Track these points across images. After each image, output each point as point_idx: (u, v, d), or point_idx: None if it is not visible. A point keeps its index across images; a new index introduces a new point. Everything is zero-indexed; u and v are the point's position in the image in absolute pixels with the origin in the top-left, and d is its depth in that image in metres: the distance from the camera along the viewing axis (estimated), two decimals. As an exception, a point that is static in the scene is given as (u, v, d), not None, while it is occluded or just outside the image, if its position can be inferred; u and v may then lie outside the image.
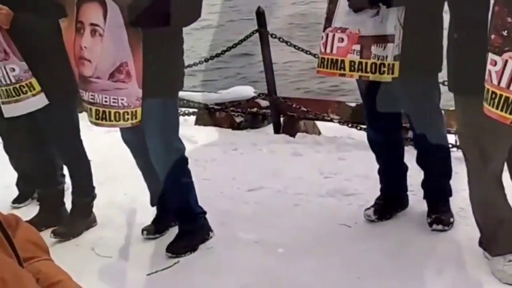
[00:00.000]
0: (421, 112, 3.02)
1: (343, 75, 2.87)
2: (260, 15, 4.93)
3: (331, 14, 2.85)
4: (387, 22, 2.72)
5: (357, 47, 2.78)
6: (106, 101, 2.86)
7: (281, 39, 5.00)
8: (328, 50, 2.86)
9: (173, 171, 3.09)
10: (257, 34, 4.95)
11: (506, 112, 2.05)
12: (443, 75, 2.82)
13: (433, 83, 3.00)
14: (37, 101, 3.19)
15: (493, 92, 2.09)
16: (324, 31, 2.89)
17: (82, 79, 2.94)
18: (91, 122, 3.02)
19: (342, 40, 2.81)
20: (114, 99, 2.84)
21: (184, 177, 3.16)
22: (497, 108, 2.08)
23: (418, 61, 2.79)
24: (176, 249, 3.14)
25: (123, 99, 2.84)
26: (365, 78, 2.87)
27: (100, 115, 2.90)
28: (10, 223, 0.72)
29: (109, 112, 2.88)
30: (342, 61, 2.82)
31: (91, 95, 2.89)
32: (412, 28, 2.74)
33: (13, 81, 3.14)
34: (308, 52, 4.91)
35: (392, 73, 2.76)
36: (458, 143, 4.34)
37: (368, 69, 2.78)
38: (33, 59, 3.13)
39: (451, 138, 4.40)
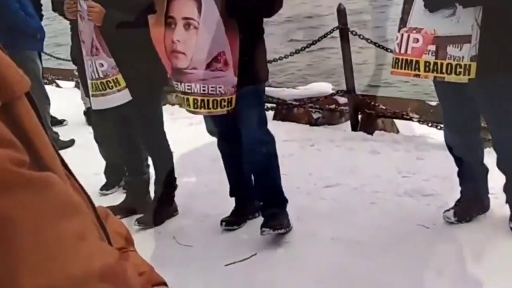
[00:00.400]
0: (500, 115, 2.95)
1: (417, 75, 2.84)
2: (341, 12, 4.93)
3: (406, 15, 2.82)
4: (464, 22, 2.67)
5: (433, 47, 2.75)
6: (204, 90, 3.00)
7: (361, 37, 4.98)
8: (402, 51, 2.84)
9: (269, 156, 3.23)
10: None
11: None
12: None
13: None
14: (122, 97, 3.35)
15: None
16: (399, 31, 2.88)
17: (176, 71, 3.08)
18: (188, 111, 3.16)
19: (417, 40, 2.78)
20: (212, 87, 2.98)
21: (276, 163, 3.29)
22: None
23: (496, 62, 2.73)
24: (274, 225, 3.16)
25: (220, 87, 2.98)
26: (440, 79, 2.83)
27: (199, 103, 3.04)
28: (102, 215, 0.79)
29: (207, 100, 3.02)
30: (417, 61, 2.79)
31: (188, 85, 3.03)
32: (490, 28, 2.67)
33: (101, 76, 3.31)
34: (389, 50, 4.86)
35: (469, 74, 2.70)
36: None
37: (444, 70, 2.74)
38: (121, 54, 3.29)
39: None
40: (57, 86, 7.20)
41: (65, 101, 5.97)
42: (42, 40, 5.12)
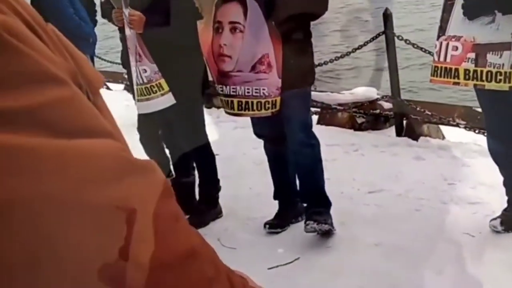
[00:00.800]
0: None
1: (457, 83, 2.83)
2: (387, 17, 4.91)
3: (445, 23, 2.81)
4: (503, 30, 2.64)
5: (472, 55, 2.73)
6: (248, 92, 3.06)
7: (407, 41, 4.95)
8: (441, 59, 2.83)
9: (314, 157, 3.29)
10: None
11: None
12: None
13: None
14: (166, 100, 3.44)
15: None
16: (437, 39, 2.86)
17: (221, 74, 3.15)
18: (231, 113, 3.23)
19: (456, 48, 2.77)
20: (256, 89, 3.04)
21: (321, 164, 3.34)
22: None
23: None
24: (314, 228, 3.20)
25: (264, 89, 3.03)
26: (480, 87, 2.80)
27: (243, 105, 3.11)
28: None
29: (252, 102, 3.08)
30: (456, 69, 2.78)
31: (233, 88, 3.10)
32: None
33: (145, 81, 3.41)
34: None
35: (509, 82, 2.67)
36: None
37: (484, 78, 2.72)
38: (163, 59, 3.37)
39: None
40: (108, 88, 7.38)
41: (115, 103, 6.11)
42: (94, 44, 5.29)
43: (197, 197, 3.80)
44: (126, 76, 4.23)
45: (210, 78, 3.45)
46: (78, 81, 0.59)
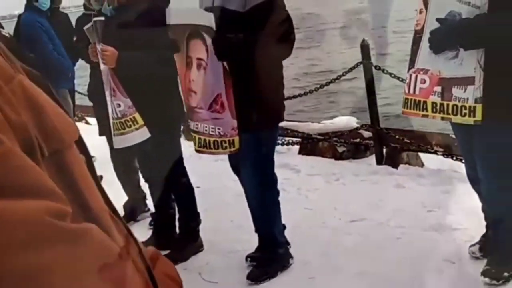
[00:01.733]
0: (494, 161, 2.83)
1: (426, 116, 2.85)
2: (364, 48, 4.99)
3: (414, 55, 2.85)
4: (467, 64, 2.67)
5: (438, 88, 2.75)
6: (206, 130, 3.08)
7: (385, 71, 5.02)
8: (411, 91, 2.86)
9: (263, 202, 3.27)
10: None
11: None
12: None
13: None
14: (140, 135, 3.44)
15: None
16: (408, 72, 2.91)
17: (189, 109, 3.18)
18: (195, 149, 3.24)
19: (424, 81, 2.80)
20: (213, 128, 3.05)
21: (272, 209, 3.30)
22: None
23: (500, 104, 2.65)
24: (256, 276, 3.26)
25: (219, 128, 3.04)
26: (447, 120, 2.84)
27: (202, 143, 3.13)
28: (151, 257, 0.79)
29: (209, 141, 3.09)
30: (425, 102, 2.81)
31: (196, 124, 3.13)
32: (493, 70, 2.64)
33: (119, 115, 3.41)
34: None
35: (474, 116, 2.67)
36: None
37: (450, 111, 2.73)
38: (137, 94, 3.37)
39: None
40: (86, 123, 7.39)
41: (94, 137, 6.09)
42: (73, 78, 5.32)
43: (177, 230, 3.77)
44: (94, 109, 4.24)
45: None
46: (27, 136, 0.57)
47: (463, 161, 3.32)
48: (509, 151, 2.77)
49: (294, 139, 5.53)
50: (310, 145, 5.45)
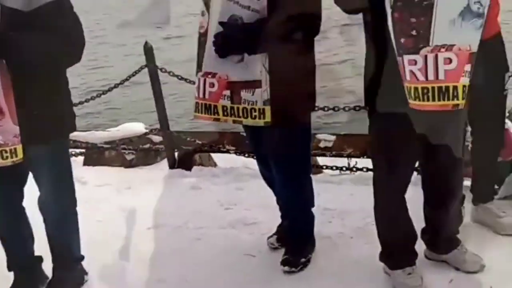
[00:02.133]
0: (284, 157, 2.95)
1: (217, 119, 2.82)
2: (148, 51, 4.82)
3: (201, 59, 2.80)
4: (252, 68, 2.68)
5: (227, 92, 2.74)
6: None
7: (171, 73, 4.91)
8: (201, 95, 2.80)
9: (60, 218, 2.93)
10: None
11: (444, 99, 2.13)
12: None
13: (303, 127, 2.95)
14: None
15: (423, 88, 2.15)
16: (196, 75, 2.85)
17: None
18: None
19: (213, 85, 2.76)
20: None
21: (68, 220, 2.98)
22: (433, 100, 2.15)
23: (285, 106, 2.73)
24: None
25: None
26: (238, 123, 2.84)
27: None
28: None
29: None
30: (215, 106, 2.78)
31: None
32: (276, 73, 2.69)
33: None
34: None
35: (264, 118, 2.71)
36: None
37: (241, 114, 2.74)
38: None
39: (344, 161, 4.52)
40: None
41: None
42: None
43: None
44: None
45: None
46: None
47: (255, 157, 3.34)
48: (295, 147, 2.91)
49: (78, 150, 5.16)
50: (96, 155, 5.13)
